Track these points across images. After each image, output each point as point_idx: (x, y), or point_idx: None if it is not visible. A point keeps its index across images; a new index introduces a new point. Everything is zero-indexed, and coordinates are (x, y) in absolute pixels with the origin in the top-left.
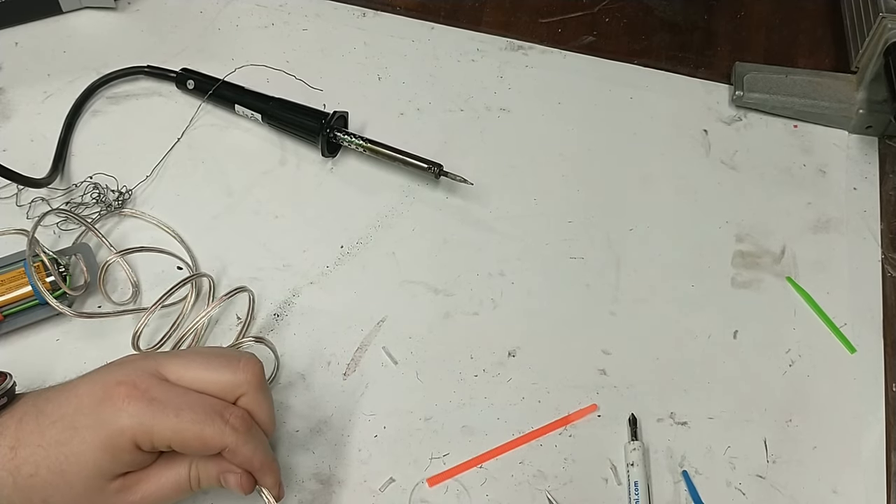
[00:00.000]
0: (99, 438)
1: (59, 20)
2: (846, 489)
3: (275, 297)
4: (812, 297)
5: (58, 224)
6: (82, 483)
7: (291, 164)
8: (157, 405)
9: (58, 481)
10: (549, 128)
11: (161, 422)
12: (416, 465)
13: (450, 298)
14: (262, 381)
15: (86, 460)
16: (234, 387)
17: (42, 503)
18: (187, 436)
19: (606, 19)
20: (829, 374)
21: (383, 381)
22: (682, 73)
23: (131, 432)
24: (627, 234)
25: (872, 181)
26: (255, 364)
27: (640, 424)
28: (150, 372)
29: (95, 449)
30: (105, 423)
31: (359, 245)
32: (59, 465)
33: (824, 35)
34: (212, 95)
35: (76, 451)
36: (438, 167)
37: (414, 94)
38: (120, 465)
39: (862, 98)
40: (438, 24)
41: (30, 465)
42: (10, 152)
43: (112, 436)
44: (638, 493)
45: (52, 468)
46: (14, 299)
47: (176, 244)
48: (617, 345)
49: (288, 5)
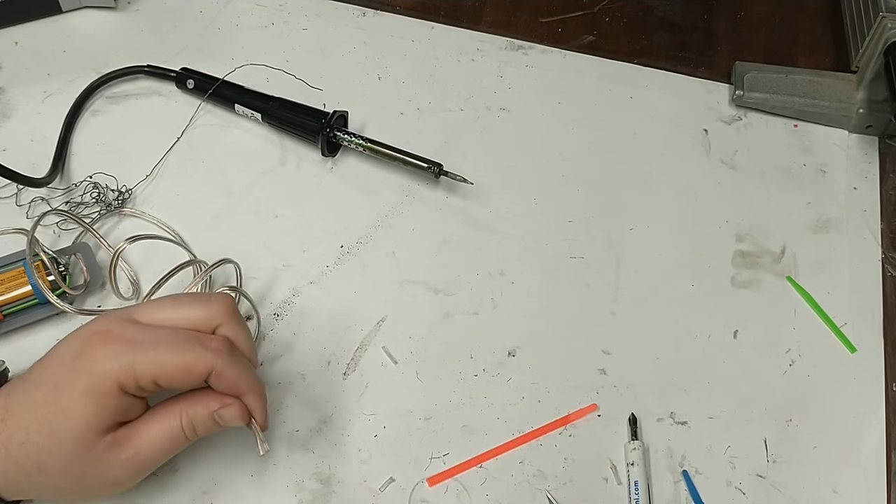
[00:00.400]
0: (83, 387)
1: (59, 20)
2: (846, 489)
3: (275, 296)
4: (812, 297)
5: (58, 224)
6: (72, 440)
7: (291, 163)
8: (135, 344)
9: (49, 443)
10: (549, 128)
11: (141, 357)
12: (416, 465)
13: (450, 298)
14: (236, 312)
15: (73, 413)
16: (207, 320)
17: (37, 471)
18: (169, 367)
19: (606, 19)
20: (830, 374)
21: (383, 380)
22: (682, 73)
23: (114, 375)
24: (627, 233)
25: (872, 181)
26: (226, 297)
27: (640, 424)
28: (123, 318)
29: (81, 399)
30: (87, 372)
31: (359, 245)
32: (49, 425)
33: (824, 35)
34: (212, 95)
35: (63, 407)
36: (438, 167)
37: (414, 94)
38: (108, 413)
39: (862, 97)
40: (438, 23)
41: (20, 433)
42: (10, 152)
43: (95, 382)
44: (638, 493)
45: (41, 430)
46: (14, 298)
47: (176, 244)
48: (617, 345)
49: (288, 5)
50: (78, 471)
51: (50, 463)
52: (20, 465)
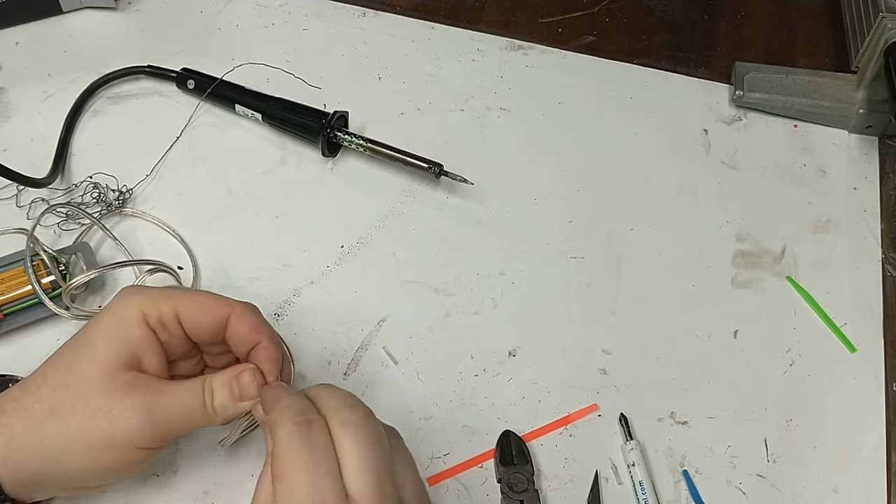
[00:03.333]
0: (106, 319)
1: (59, 20)
2: (846, 489)
3: (275, 296)
4: (812, 297)
5: (58, 224)
6: (92, 366)
7: (292, 163)
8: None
9: (66, 378)
10: (549, 128)
11: (164, 294)
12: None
13: (450, 298)
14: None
15: (95, 343)
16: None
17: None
18: (190, 303)
19: (606, 19)
20: (830, 374)
21: (383, 380)
22: (681, 73)
23: (137, 304)
24: (628, 233)
25: (872, 181)
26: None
27: (631, 423)
28: None
29: (104, 329)
30: (111, 307)
31: (359, 245)
32: (68, 360)
33: (824, 35)
34: (213, 95)
35: (85, 341)
36: (439, 167)
37: (414, 94)
38: (130, 345)
39: (862, 98)
40: (438, 23)
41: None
42: (11, 152)
43: (118, 312)
44: (645, 493)
45: (60, 365)
46: (14, 298)
47: (176, 244)
48: (617, 344)
49: (288, 5)
50: (90, 405)
51: (63, 399)
52: (29, 417)
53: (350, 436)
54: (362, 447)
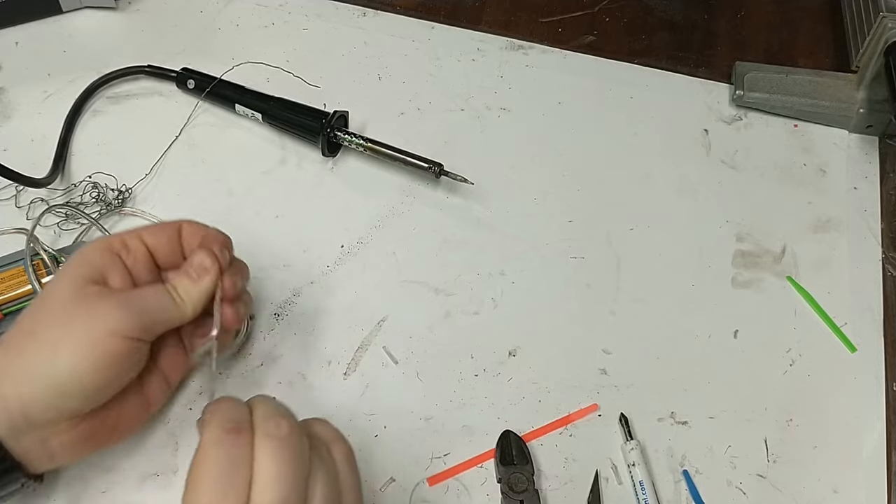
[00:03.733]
0: (74, 259)
1: (59, 20)
2: (846, 489)
3: (275, 296)
4: (812, 297)
5: (58, 224)
6: (61, 286)
7: (292, 163)
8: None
9: (38, 303)
10: (549, 128)
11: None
12: (416, 465)
13: (450, 298)
14: None
15: (63, 273)
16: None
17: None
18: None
19: (606, 19)
20: (830, 374)
21: (384, 380)
22: (682, 73)
23: (104, 240)
24: (628, 233)
25: (873, 181)
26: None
27: (631, 423)
28: None
29: (71, 266)
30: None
31: (359, 245)
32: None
33: (824, 35)
34: (213, 95)
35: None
36: (439, 167)
37: (414, 94)
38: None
39: (862, 97)
40: (438, 23)
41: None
42: (11, 152)
43: (84, 250)
44: (645, 493)
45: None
46: (14, 298)
47: None
48: (617, 344)
49: (288, 5)
50: (66, 312)
51: (40, 319)
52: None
53: (267, 449)
54: (277, 463)
